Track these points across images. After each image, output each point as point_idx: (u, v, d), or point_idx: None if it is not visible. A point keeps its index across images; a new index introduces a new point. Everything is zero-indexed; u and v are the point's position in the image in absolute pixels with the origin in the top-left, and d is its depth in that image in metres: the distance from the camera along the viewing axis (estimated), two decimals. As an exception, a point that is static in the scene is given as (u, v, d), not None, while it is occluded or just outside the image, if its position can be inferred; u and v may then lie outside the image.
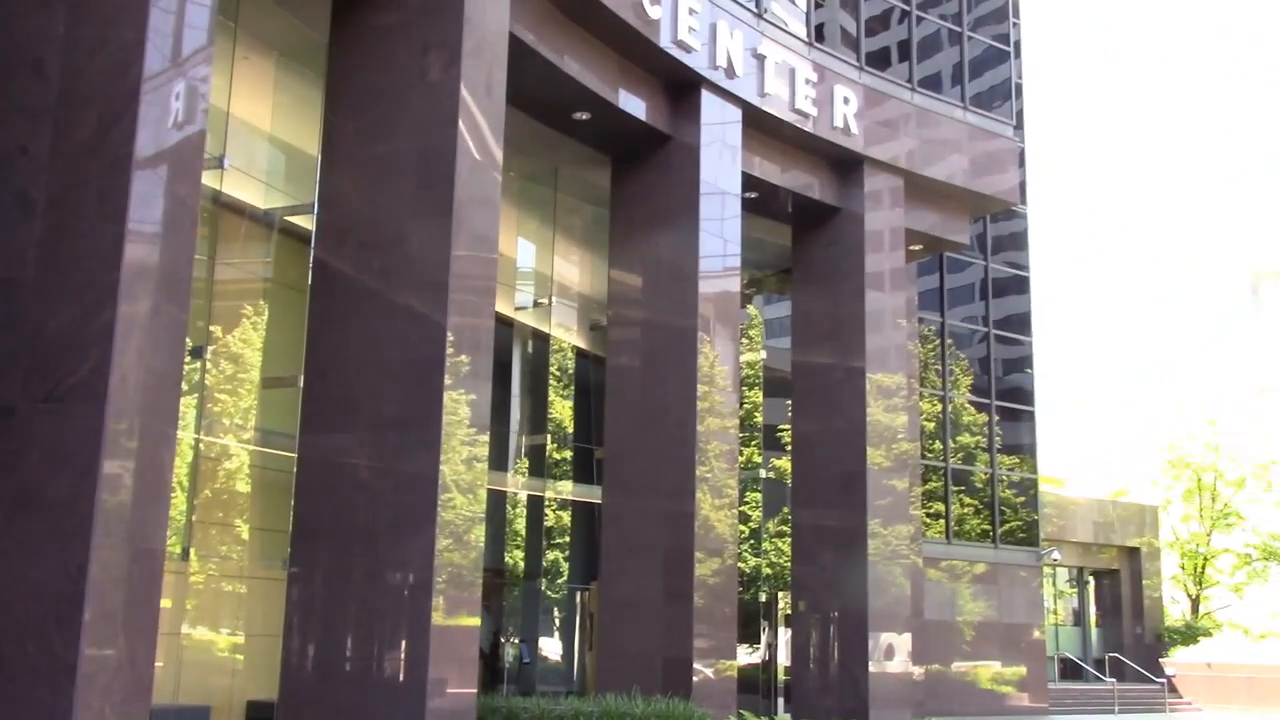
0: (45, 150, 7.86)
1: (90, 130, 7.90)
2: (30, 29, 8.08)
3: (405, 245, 12.85)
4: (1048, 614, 35.52)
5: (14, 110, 7.98)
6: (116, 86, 7.94)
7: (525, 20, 15.31)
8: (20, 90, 8.00)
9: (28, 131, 7.92)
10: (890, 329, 21.94)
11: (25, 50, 8.04)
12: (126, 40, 8.00)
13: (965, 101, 24.01)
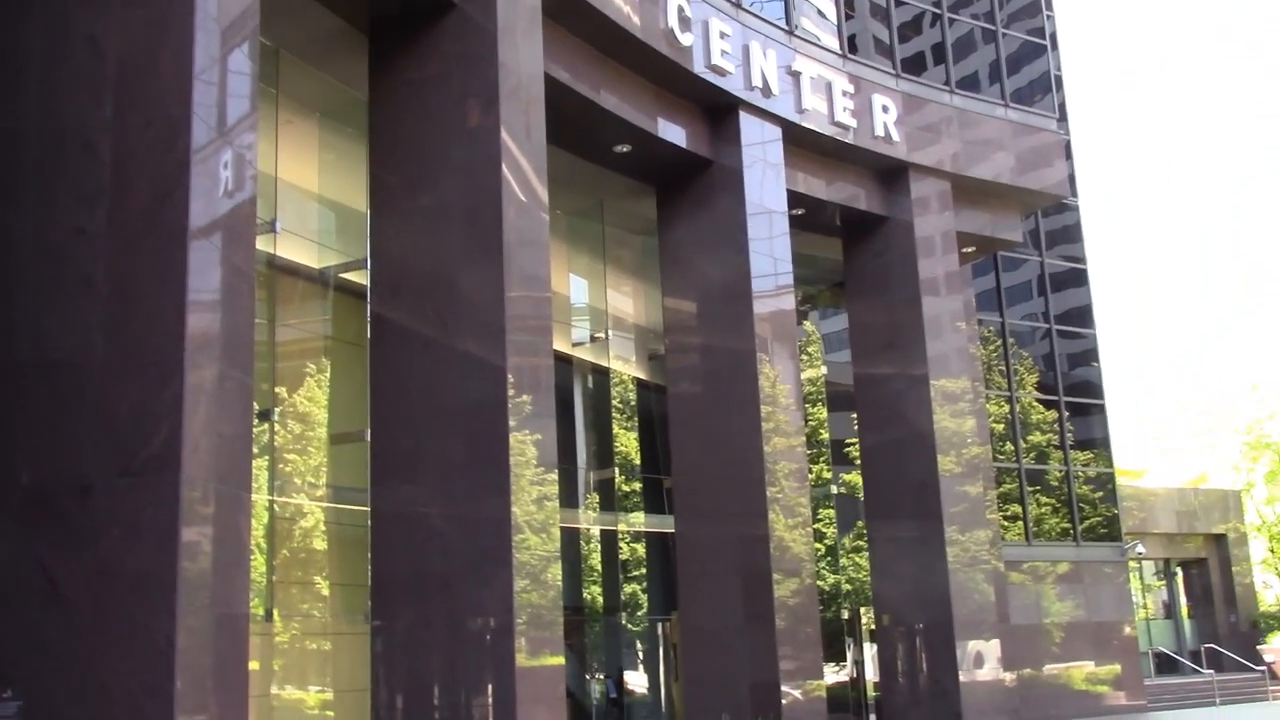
0: (102, 231, 8.02)
1: (144, 207, 8.05)
2: (79, 114, 8.27)
3: (459, 292, 12.95)
4: (1137, 609, 34.83)
5: (69, 194, 8.16)
6: (166, 162, 8.09)
7: (559, 59, 15.43)
8: (73, 174, 8.18)
9: (84, 214, 8.09)
10: (950, 333, 21.75)
11: (75, 135, 8.23)
12: (173, 116, 8.16)
13: (1005, 99, 23.84)
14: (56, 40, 8.41)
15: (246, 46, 9.04)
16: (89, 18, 8.37)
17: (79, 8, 8.40)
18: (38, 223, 8.16)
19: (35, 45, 8.44)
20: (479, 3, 13.71)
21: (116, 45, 8.30)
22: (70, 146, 8.19)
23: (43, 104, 8.35)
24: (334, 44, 14.17)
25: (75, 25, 8.38)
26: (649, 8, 16.75)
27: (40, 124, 8.32)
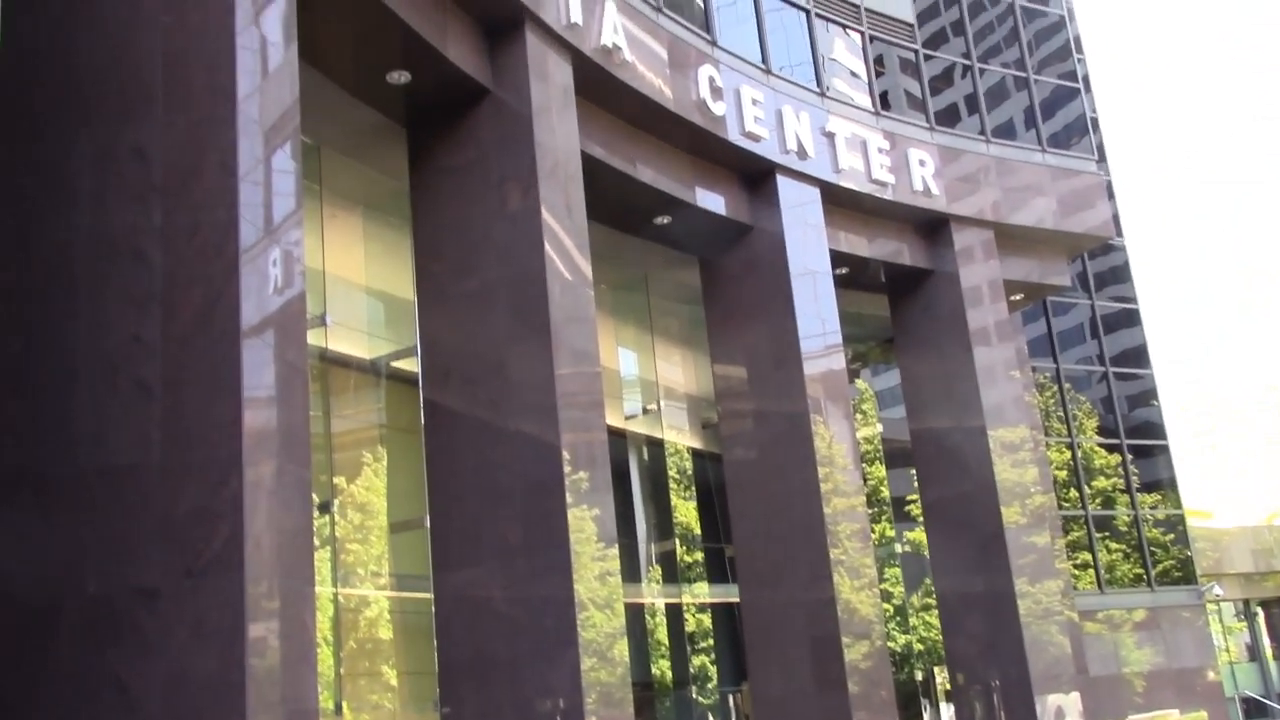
0: (157, 335, 8.14)
1: (196, 310, 8.17)
2: (129, 222, 8.43)
3: (508, 373, 13.01)
4: (1219, 652, 33.90)
5: (123, 301, 8.29)
6: (216, 264, 8.22)
7: (594, 136, 15.59)
8: (126, 282, 8.32)
9: (138, 319, 8.21)
10: (1004, 382, 21.51)
11: (126, 243, 8.38)
12: (220, 220, 8.30)
13: (1042, 144, 23.77)
14: (104, 152, 8.61)
15: (288, 146, 9.20)
16: (135, 128, 8.56)
17: (125, 120, 8.60)
18: (93, 331, 8.30)
19: (84, 157, 8.64)
20: (512, 87, 13.92)
21: (163, 154, 8.48)
22: (122, 255, 8.35)
23: (93, 214, 8.52)
24: (373, 138, 14.42)
25: (122, 136, 8.58)
26: (680, 80, 16.92)
27: (91, 234, 8.49)
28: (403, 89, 13.71)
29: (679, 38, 17.26)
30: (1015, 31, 24.85)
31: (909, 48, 22.60)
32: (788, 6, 20.51)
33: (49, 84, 8.84)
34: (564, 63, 14.71)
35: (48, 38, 8.93)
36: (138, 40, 8.74)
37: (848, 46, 21.62)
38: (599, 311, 15.10)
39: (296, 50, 9.56)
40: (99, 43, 8.84)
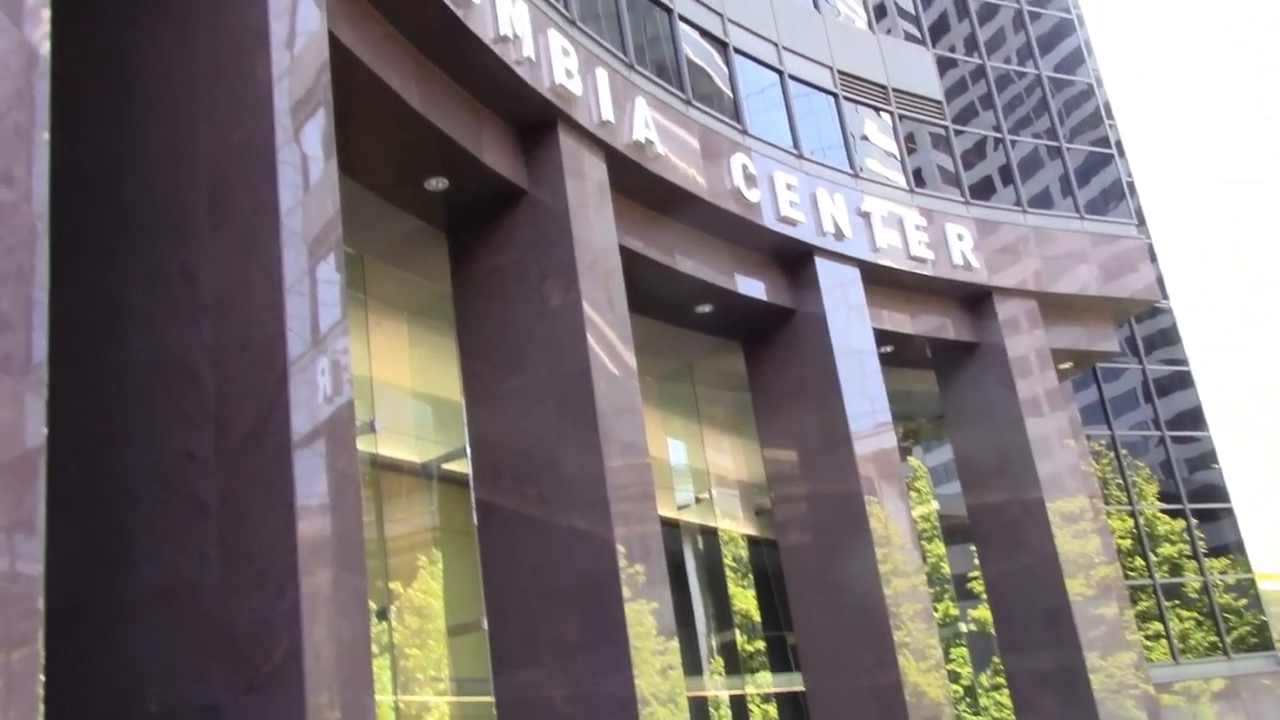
0: (210, 451, 8.22)
1: (249, 424, 8.25)
2: (180, 342, 8.56)
3: (559, 469, 13.01)
4: (1304, 719, 32.81)
5: (176, 420, 8.39)
6: (266, 378, 8.31)
7: (632, 230, 15.75)
8: (178, 400, 8.43)
9: (191, 438, 8.30)
10: (1059, 452, 21.24)
11: (178, 362, 8.51)
12: (269, 334, 8.41)
13: (1080, 211, 23.73)
14: (153, 273, 8.78)
15: (332, 257, 9.35)
16: (183, 249, 8.73)
17: (173, 240, 8.78)
18: (147, 450, 8.39)
19: (134, 279, 8.81)
20: (548, 186, 14.13)
21: (210, 272, 8.63)
22: (174, 373, 8.47)
23: (144, 335, 8.67)
24: (414, 244, 14.65)
25: (170, 257, 8.75)
26: (713, 169, 17.10)
27: (143, 355, 8.63)
28: (441, 195, 13.95)
29: (710, 128, 17.48)
30: (1044, 102, 24.95)
31: (939, 124, 22.74)
32: (816, 92, 20.74)
33: (98, 209, 9.06)
34: (598, 159, 14.93)
35: (95, 166, 9.17)
36: (182, 163, 8.95)
37: (878, 126, 21.80)
38: (646, 403, 15.11)
39: (336, 163, 9.76)
40: (145, 168, 9.06)
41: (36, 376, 5.68)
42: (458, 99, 13.40)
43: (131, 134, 9.17)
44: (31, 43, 6.07)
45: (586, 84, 14.86)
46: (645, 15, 17.76)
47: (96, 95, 9.27)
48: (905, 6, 23.87)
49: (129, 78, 9.26)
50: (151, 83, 9.21)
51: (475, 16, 12.83)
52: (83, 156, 9.06)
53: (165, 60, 9.24)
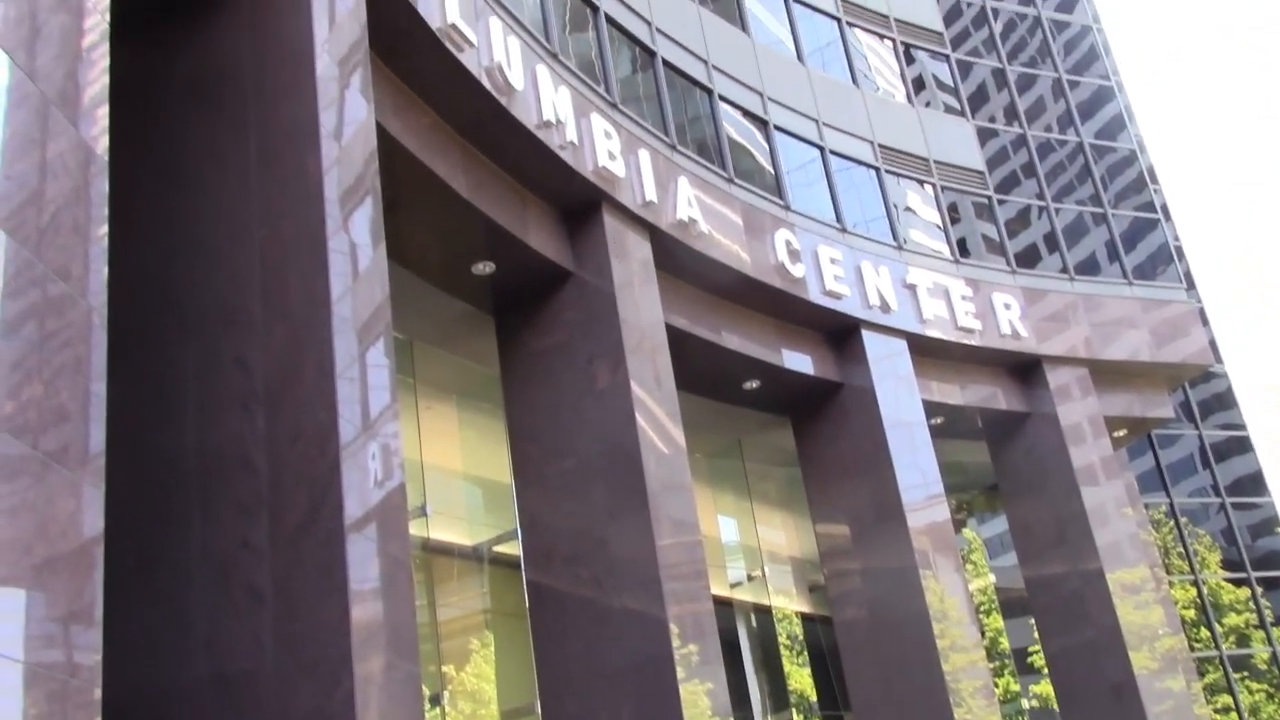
0: (265, 539, 8.27)
1: (302, 512, 8.30)
2: (235, 431, 8.66)
3: (610, 549, 12.96)
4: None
5: (231, 508, 8.46)
6: (318, 465, 8.38)
7: (677, 308, 15.81)
8: (234, 489, 8.51)
9: (246, 526, 8.36)
10: (1117, 521, 20.87)
11: (233, 451, 8.60)
12: (321, 421, 8.49)
13: (1128, 277, 23.56)
14: (208, 363, 8.91)
15: (381, 343, 9.45)
16: (236, 338, 8.87)
17: (226, 331, 8.92)
18: (204, 538, 8.46)
19: (189, 369, 8.95)
20: (594, 267, 14.24)
21: (263, 362, 8.75)
22: (229, 462, 8.55)
23: (199, 425, 8.78)
24: (462, 327, 14.78)
25: (224, 348, 8.89)
26: (757, 246, 17.17)
27: (198, 443, 8.73)
28: (488, 279, 14.10)
29: (753, 205, 17.59)
30: (1087, 168, 24.91)
31: (982, 194, 22.75)
32: (857, 165, 20.84)
33: (154, 301, 9.23)
34: (642, 239, 15.05)
35: (151, 257, 9.36)
36: (235, 254, 9.12)
37: (921, 197, 21.84)
38: (696, 480, 15.06)
39: (384, 250, 9.90)
40: (200, 260, 9.25)
41: (94, 467, 5.76)
42: (503, 184, 13.60)
43: (187, 225, 9.37)
44: (88, 141, 6.24)
45: (629, 165, 15.03)
46: (686, 95, 17.98)
47: (152, 188, 9.50)
48: (943, 78, 24.02)
49: (184, 170, 9.49)
50: (206, 175, 9.43)
51: (519, 103, 13.05)
52: (139, 247, 9.26)
53: (219, 153, 9.47)
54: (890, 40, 23.33)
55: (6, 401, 5.22)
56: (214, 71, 9.72)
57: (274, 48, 9.65)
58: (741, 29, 20.08)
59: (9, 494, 5.13)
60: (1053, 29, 26.19)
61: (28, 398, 5.37)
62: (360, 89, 10.16)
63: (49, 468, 5.39)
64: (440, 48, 11.86)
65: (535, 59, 13.76)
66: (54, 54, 6.14)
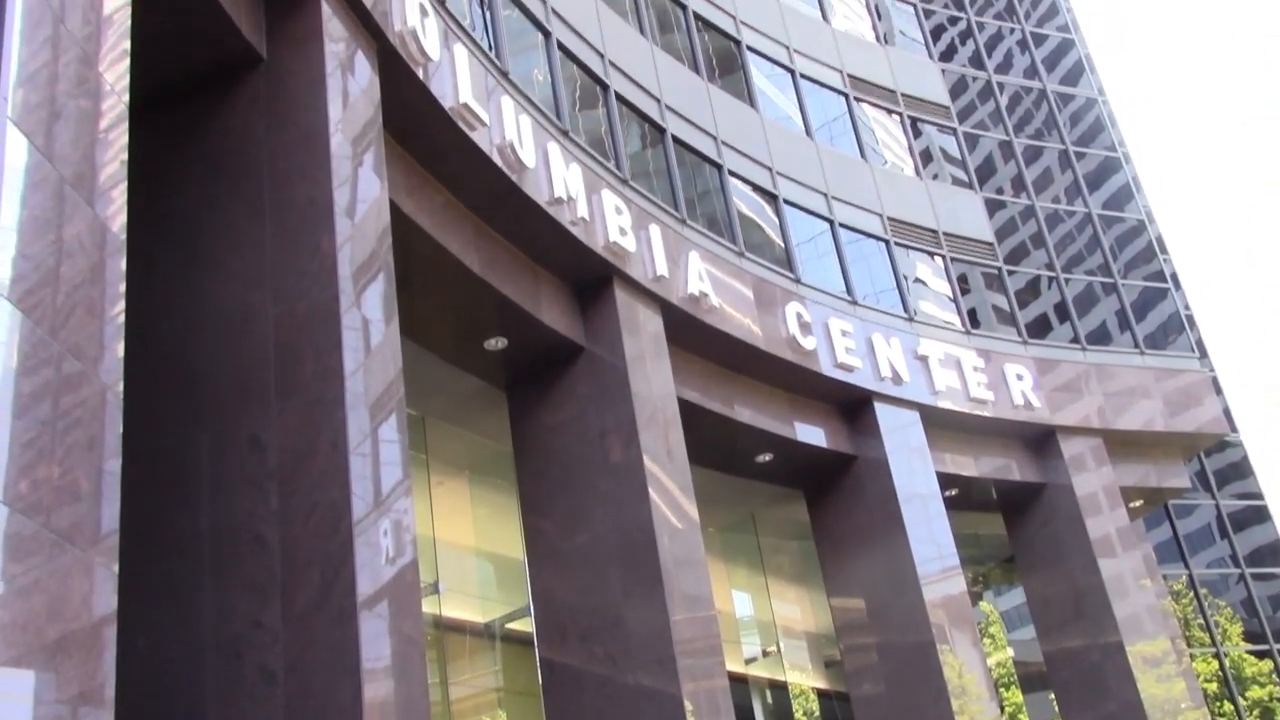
0: (277, 619, 8.20)
1: (315, 590, 8.24)
2: (248, 509, 8.63)
3: (624, 626, 12.83)
4: None
5: (244, 588, 8.40)
6: (331, 543, 8.34)
7: (689, 382, 15.81)
8: (247, 568, 8.46)
9: (259, 605, 8.30)
10: (1136, 593, 20.65)
11: (246, 529, 8.56)
12: (334, 499, 8.47)
13: (1139, 346, 23.52)
14: (222, 442, 8.90)
15: (394, 418, 9.46)
16: (250, 417, 8.87)
17: (241, 410, 8.92)
18: (217, 620, 8.39)
19: (203, 449, 8.95)
20: (605, 341, 14.27)
21: (277, 440, 8.74)
22: (243, 541, 8.51)
23: (213, 503, 8.75)
24: (474, 403, 14.79)
25: (239, 427, 8.88)
26: (768, 319, 17.20)
27: (212, 522, 8.70)
28: (500, 354, 14.13)
29: (763, 278, 17.65)
30: (1096, 238, 24.98)
31: (991, 265, 22.81)
32: (866, 238, 20.95)
33: (169, 382, 9.25)
34: (654, 314, 15.09)
35: (167, 335, 9.40)
36: (250, 334, 9.16)
37: (931, 268, 21.91)
38: (709, 554, 14.95)
39: (397, 326, 9.94)
40: (214, 341, 9.28)
41: (106, 546, 5.73)
42: (515, 260, 13.68)
43: (203, 304, 9.42)
44: (105, 221, 6.29)
45: (640, 240, 15.12)
46: (695, 171, 18.14)
47: (169, 266, 9.56)
48: (951, 151, 24.20)
49: (200, 249, 9.56)
50: (221, 253, 9.50)
51: (530, 180, 13.17)
52: (155, 326, 9.31)
53: (235, 231, 9.54)
54: (897, 114, 23.55)
55: (19, 480, 5.21)
56: (230, 151, 9.84)
57: (289, 127, 9.78)
58: (750, 105, 20.30)
59: (20, 574, 5.11)
60: (1058, 101, 26.43)
61: (40, 476, 5.36)
62: (374, 167, 10.27)
63: (61, 547, 5.37)
64: (453, 127, 12.00)
65: (546, 136, 13.91)
66: (72, 136, 6.22)
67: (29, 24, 6.09)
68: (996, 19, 26.84)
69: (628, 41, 17.63)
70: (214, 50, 9.79)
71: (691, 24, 19.84)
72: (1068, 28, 28.05)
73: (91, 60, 6.54)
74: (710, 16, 20.46)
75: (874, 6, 25.00)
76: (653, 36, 18.50)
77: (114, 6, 6.91)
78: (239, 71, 9.96)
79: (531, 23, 15.35)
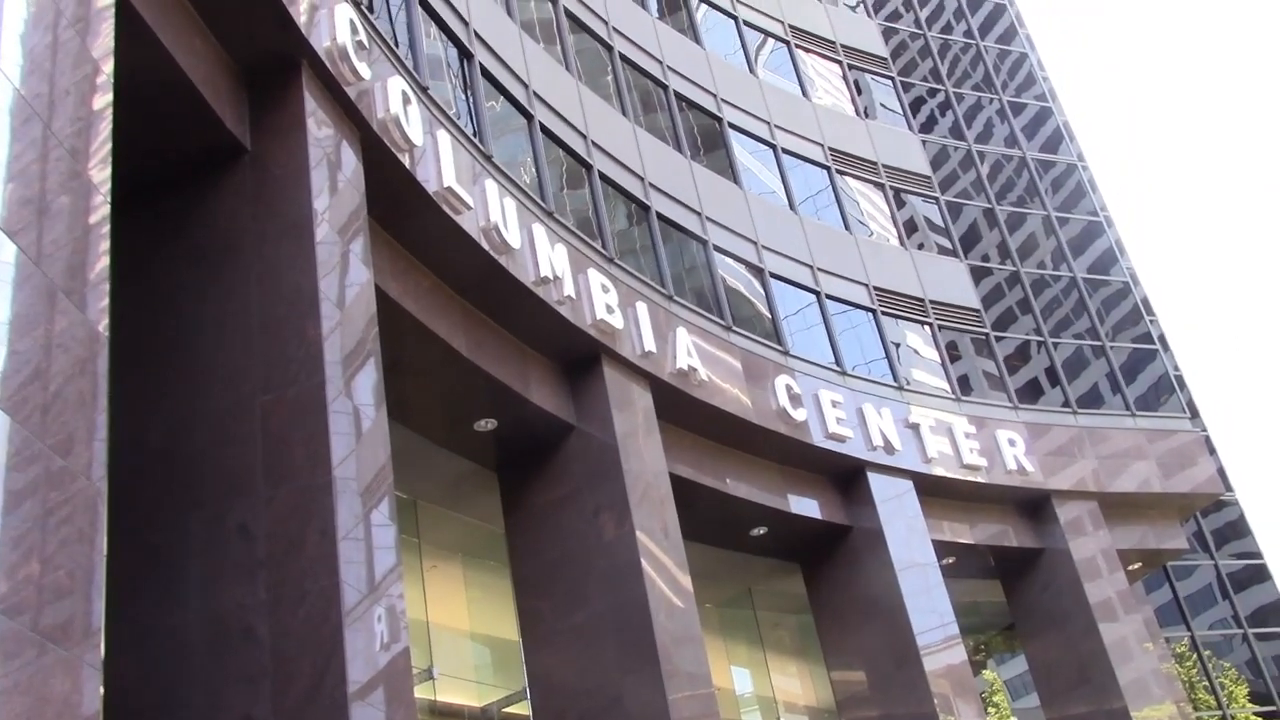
0: (269, 711, 8.10)
1: (306, 681, 8.15)
2: (237, 600, 8.56)
3: (622, 706, 12.70)
4: None
5: (234, 680, 8.31)
6: (322, 632, 8.27)
7: (681, 457, 15.80)
8: (237, 659, 8.37)
9: (249, 698, 8.20)
10: (1139, 657, 20.47)
11: (237, 621, 8.49)
12: (324, 586, 8.41)
13: (1130, 408, 23.54)
14: (212, 532, 8.86)
15: (385, 504, 9.43)
16: (240, 506, 8.84)
17: (229, 498, 8.90)
18: (207, 714, 8.29)
19: (194, 539, 8.89)
20: (596, 420, 14.28)
21: (267, 528, 8.70)
22: (233, 633, 8.43)
23: (203, 594, 8.68)
24: (466, 485, 14.75)
25: (229, 515, 8.85)
26: (758, 392, 17.23)
27: (202, 615, 8.62)
28: (491, 435, 14.13)
29: (752, 352, 17.71)
30: (1082, 302, 25.11)
31: (979, 332, 22.91)
32: (854, 309, 21.05)
33: (158, 472, 9.23)
34: (643, 390, 15.12)
35: (155, 427, 9.39)
36: (238, 422, 9.16)
37: (920, 336, 22.00)
38: (707, 631, 14.83)
39: (386, 411, 9.94)
40: (203, 429, 9.27)
41: (92, 644, 5.68)
42: (504, 341, 13.73)
43: (190, 394, 9.42)
44: (91, 319, 6.32)
45: (628, 317, 15.20)
46: (681, 247, 18.27)
47: (154, 356, 9.59)
48: (935, 220, 24.41)
49: (185, 339, 9.59)
50: (207, 343, 9.53)
51: (517, 261, 13.27)
52: (143, 417, 9.31)
53: (221, 321, 9.59)
54: (880, 186, 23.79)
55: (3, 580, 5.19)
56: (216, 242, 9.91)
57: (274, 218, 9.86)
58: (733, 180, 20.51)
59: (4, 675, 5.06)
60: (1039, 168, 26.72)
61: (25, 575, 5.33)
62: (360, 255, 10.35)
63: (46, 648, 5.32)
64: (438, 211, 12.11)
65: (532, 218, 14.04)
66: (59, 234, 6.27)
67: (17, 121, 6.17)
68: (975, 90, 27.22)
69: (610, 122, 17.86)
70: (198, 142, 9.92)
71: (673, 103, 20.11)
72: (1045, 96, 28.45)
73: (79, 156, 6.62)
74: (692, 95, 20.74)
75: (853, 82, 25.36)
76: (635, 116, 18.74)
77: (101, 104, 7.00)
78: (224, 163, 10.08)
79: (514, 107, 15.56)
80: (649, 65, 20.01)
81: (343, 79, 10.77)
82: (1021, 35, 29.67)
